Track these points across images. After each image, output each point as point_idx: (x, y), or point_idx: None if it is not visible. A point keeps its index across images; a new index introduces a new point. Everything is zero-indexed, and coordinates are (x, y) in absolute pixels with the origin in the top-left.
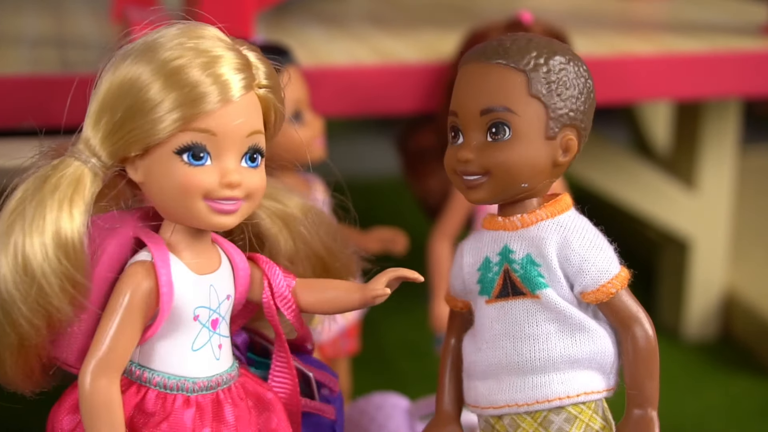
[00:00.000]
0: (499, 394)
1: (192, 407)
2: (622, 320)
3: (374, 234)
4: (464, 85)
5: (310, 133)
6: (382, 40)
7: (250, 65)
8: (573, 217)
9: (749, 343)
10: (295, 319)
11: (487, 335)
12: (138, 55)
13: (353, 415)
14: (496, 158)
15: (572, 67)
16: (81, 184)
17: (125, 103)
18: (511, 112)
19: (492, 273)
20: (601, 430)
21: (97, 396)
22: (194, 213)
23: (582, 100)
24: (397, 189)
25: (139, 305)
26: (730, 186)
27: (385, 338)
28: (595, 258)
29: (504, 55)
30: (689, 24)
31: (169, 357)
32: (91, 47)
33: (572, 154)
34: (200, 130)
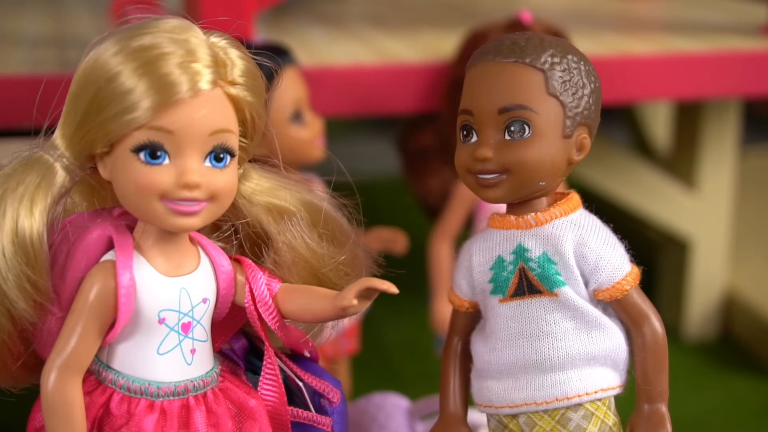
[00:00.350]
0: (517, 393)
1: (155, 413)
2: (634, 317)
3: (374, 234)
4: (479, 84)
5: (310, 133)
6: (382, 40)
7: (219, 61)
8: (585, 215)
9: (749, 343)
10: (277, 326)
11: (503, 334)
12: (101, 51)
13: (353, 416)
14: (515, 156)
15: (583, 66)
16: (48, 181)
17: (91, 94)
18: (530, 110)
19: (506, 272)
20: (613, 427)
21: (56, 396)
22: (152, 213)
23: (593, 99)
24: (397, 189)
25: (98, 306)
26: (730, 186)
27: (385, 338)
28: (610, 256)
29: (521, 54)
30: (689, 24)
31: (133, 359)
32: None
33: (585, 153)
34: (156, 128)
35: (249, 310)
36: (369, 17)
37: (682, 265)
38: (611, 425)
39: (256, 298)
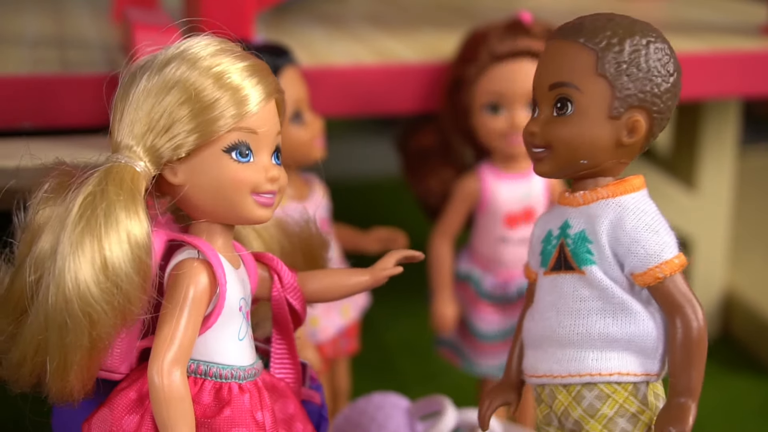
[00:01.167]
0: (541, 363)
1: (246, 393)
2: (668, 307)
3: (374, 234)
4: (541, 61)
5: (310, 133)
6: (382, 40)
7: (271, 71)
8: (637, 198)
9: (749, 343)
10: (303, 309)
11: (540, 306)
12: (178, 62)
13: (353, 415)
14: (556, 132)
15: (651, 49)
16: (138, 188)
17: (177, 105)
18: (575, 88)
19: (551, 246)
20: (637, 413)
21: (172, 390)
22: (241, 207)
23: (656, 82)
24: (397, 189)
25: (201, 300)
26: (730, 186)
27: (385, 338)
28: (647, 240)
29: (579, 33)
30: (689, 24)
31: (221, 348)
32: (91, 47)
33: (639, 136)
34: (246, 129)
35: (277, 298)
36: (369, 17)
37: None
38: (634, 411)
39: (285, 284)
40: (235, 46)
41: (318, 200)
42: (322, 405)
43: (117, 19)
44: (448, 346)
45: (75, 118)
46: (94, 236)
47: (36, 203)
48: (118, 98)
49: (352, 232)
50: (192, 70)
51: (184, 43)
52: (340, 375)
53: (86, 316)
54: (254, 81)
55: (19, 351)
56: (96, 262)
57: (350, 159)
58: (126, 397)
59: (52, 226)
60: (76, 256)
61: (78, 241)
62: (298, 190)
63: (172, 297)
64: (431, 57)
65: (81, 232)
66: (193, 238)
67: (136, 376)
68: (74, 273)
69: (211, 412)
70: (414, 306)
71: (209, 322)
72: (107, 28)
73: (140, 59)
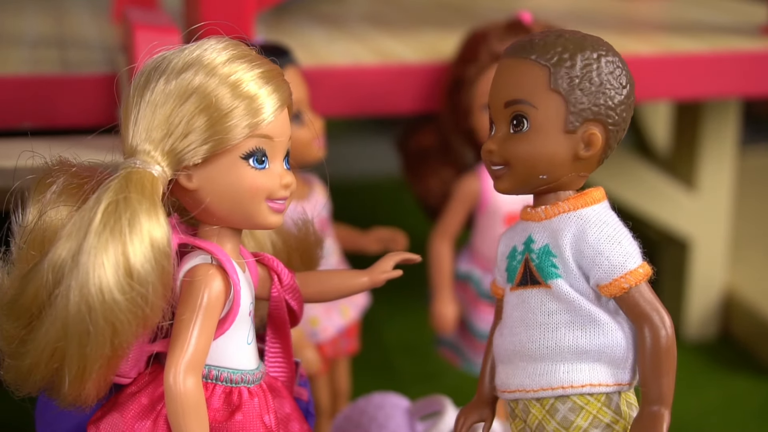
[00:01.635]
0: (513, 379)
1: (255, 397)
2: (636, 316)
3: (374, 234)
4: (494, 79)
5: (310, 133)
6: (382, 40)
7: (283, 75)
8: (598, 210)
9: (749, 343)
10: (300, 309)
11: (508, 321)
12: (196, 69)
13: (353, 415)
14: (514, 150)
15: (602, 62)
16: (157, 193)
17: (196, 112)
18: (529, 105)
19: (516, 261)
20: (611, 424)
21: (188, 396)
22: (256, 213)
23: (610, 95)
24: (397, 189)
25: (216, 305)
26: (729, 186)
27: (385, 338)
28: (610, 252)
29: (531, 50)
30: (689, 24)
31: (231, 353)
32: (91, 47)
33: (596, 149)
34: (263, 136)
35: (277, 298)
36: (369, 17)
37: (682, 265)
38: (608, 422)
39: (284, 284)
40: (249, 50)
41: (318, 200)
42: (308, 401)
43: (117, 19)
44: (448, 346)
45: (75, 118)
46: (119, 244)
47: (43, 204)
48: (131, 100)
49: (352, 232)
50: (210, 78)
51: (199, 47)
52: (340, 375)
53: (110, 325)
54: (270, 89)
55: (32, 357)
56: (120, 269)
57: (350, 159)
58: (137, 402)
59: (70, 233)
60: (101, 265)
61: (103, 249)
62: (298, 190)
63: (187, 303)
64: (431, 57)
65: (105, 240)
66: (207, 243)
67: (146, 381)
68: (99, 281)
69: (222, 417)
70: (414, 306)
71: (223, 328)
72: (107, 28)
73: (152, 60)
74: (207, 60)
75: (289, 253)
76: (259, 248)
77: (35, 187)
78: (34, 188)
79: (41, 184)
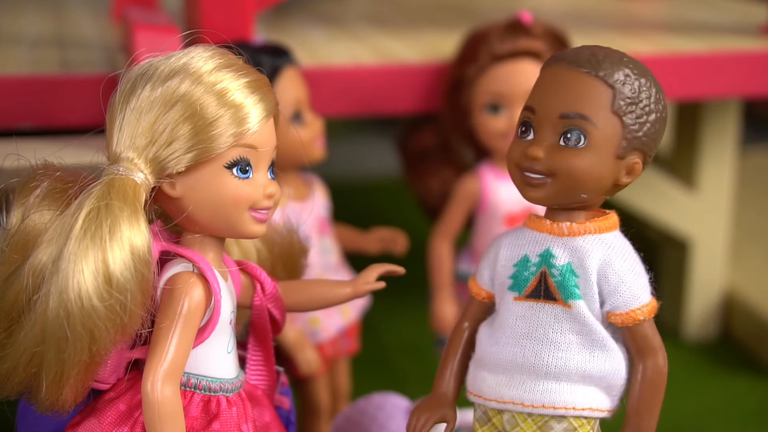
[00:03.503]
0: (507, 390)
1: (233, 406)
2: (640, 348)
3: (374, 234)
4: (548, 86)
5: (310, 134)
6: (382, 40)
7: (270, 85)
8: (618, 237)
9: (749, 343)
10: (283, 318)
11: (509, 331)
12: (182, 77)
13: (353, 415)
14: (565, 162)
15: (654, 92)
16: (139, 200)
17: (181, 121)
18: (591, 122)
19: (528, 272)
20: None
21: (165, 404)
22: (239, 223)
23: (656, 127)
24: (397, 189)
25: (196, 313)
26: (730, 186)
27: (385, 338)
28: (632, 282)
29: (596, 66)
30: (689, 24)
31: (210, 361)
32: (91, 47)
33: (634, 178)
34: (247, 145)
35: (259, 307)
36: (369, 17)
37: (682, 265)
38: None
39: (267, 293)
40: (236, 59)
41: (318, 200)
42: (290, 410)
43: (117, 19)
44: None
45: (75, 118)
46: (99, 250)
47: (27, 208)
48: (117, 106)
49: (352, 232)
50: (196, 86)
51: (186, 55)
52: (340, 375)
53: (88, 332)
54: (256, 98)
55: (11, 361)
56: (100, 276)
57: (350, 159)
58: (115, 409)
59: (51, 238)
60: (80, 271)
61: (83, 256)
62: (298, 190)
63: (167, 311)
64: (431, 57)
65: (86, 246)
66: (189, 251)
67: (125, 387)
68: (78, 287)
69: (199, 425)
70: (414, 306)
71: (203, 336)
72: (107, 28)
73: (140, 65)
74: (193, 68)
75: (273, 262)
76: (244, 256)
77: (19, 190)
78: (19, 191)
79: (25, 188)
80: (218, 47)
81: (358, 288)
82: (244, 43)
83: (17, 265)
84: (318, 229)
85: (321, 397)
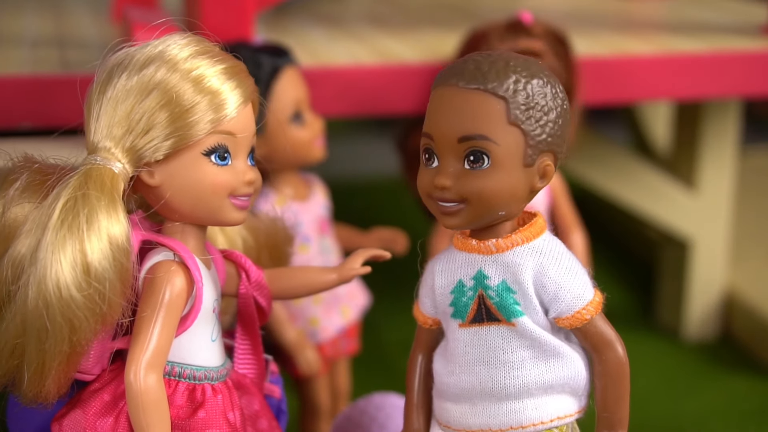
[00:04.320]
0: (473, 418)
1: (219, 394)
2: (595, 345)
3: (374, 234)
4: (439, 109)
5: (311, 134)
6: (382, 40)
7: (247, 71)
8: (548, 241)
9: (749, 343)
10: (269, 306)
11: (461, 360)
12: (157, 64)
13: (353, 415)
14: (474, 187)
15: (549, 89)
16: (117, 190)
17: (157, 108)
18: (490, 140)
19: (466, 297)
20: None
21: (149, 393)
22: (218, 210)
23: (560, 123)
24: (397, 189)
25: (178, 302)
26: (730, 186)
27: (385, 338)
28: (570, 284)
29: (483, 80)
30: (689, 24)
31: (195, 350)
32: (91, 47)
33: (549, 180)
34: (225, 132)
35: (244, 295)
36: (369, 17)
37: (682, 265)
38: None
39: (252, 280)
40: (213, 46)
41: (318, 200)
42: (281, 398)
43: (117, 19)
44: None
45: (75, 118)
46: (76, 240)
47: (6, 201)
48: (94, 96)
49: (352, 232)
50: (172, 73)
51: (161, 43)
52: (340, 375)
53: (67, 322)
54: (233, 85)
55: None
56: (78, 266)
57: (350, 159)
58: (100, 399)
59: (29, 229)
60: (57, 261)
61: (60, 246)
62: (298, 190)
63: (148, 300)
64: (431, 57)
65: (63, 236)
66: (170, 240)
67: (108, 378)
68: (56, 277)
69: (184, 414)
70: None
71: (185, 325)
72: (107, 28)
73: (116, 55)
74: (169, 55)
75: (259, 250)
76: (230, 245)
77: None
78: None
79: (5, 181)
80: (194, 35)
81: (343, 274)
82: (244, 43)
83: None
84: (318, 228)
85: (321, 397)
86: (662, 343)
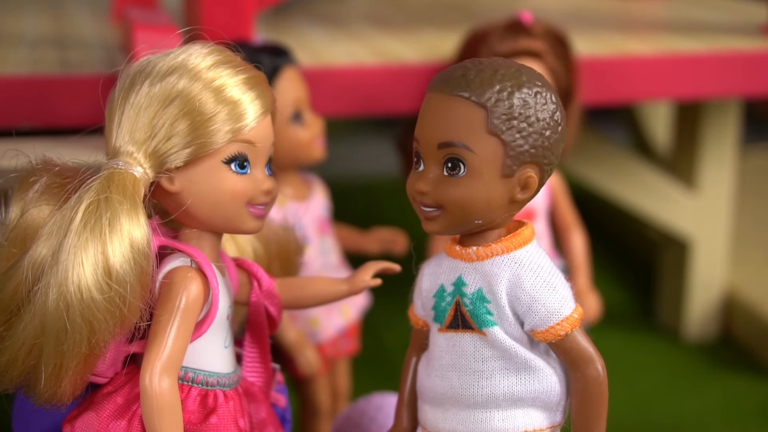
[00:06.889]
0: (444, 423)
1: (230, 401)
2: (572, 361)
3: (374, 234)
4: (427, 114)
5: (311, 134)
6: (382, 40)
7: (267, 82)
8: (530, 252)
9: (749, 343)
10: (279, 315)
11: (437, 364)
12: (180, 73)
13: (353, 415)
14: (449, 194)
15: (538, 100)
16: (138, 194)
17: (180, 116)
18: (467, 149)
19: (445, 302)
20: None
21: (163, 397)
22: (236, 218)
23: (546, 135)
24: (397, 189)
25: (194, 308)
26: (730, 186)
27: (385, 338)
28: (546, 298)
29: (466, 88)
30: (689, 24)
31: (208, 356)
32: (91, 47)
33: (532, 191)
34: (245, 141)
35: (255, 303)
36: (369, 17)
37: (682, 265)
38: None
39: (264, 290)
40: (234, 56)
41: (318, 200)
42: (285, 408)
43: (117, 19)
44: None
45: (75, 118)
46: (98, 243)
47: (26, 203)
48: (116, 102)
49: (352, 232)
50: (194, 83)
51: (184, 51)
52: (340, 375)
53: (87, 324)
54: (253, 95)
55: (9, 353)
56: (99, 268)
57: (350, 159)
58: (113, 402)
59: (51, 231)
60: (79, 263)
61: (82, 248)
62: (298, 190)
63: (165, 305)
64: (431, 57)
65: (85, 239)
66: (187, 246)
67: (122, 381)
68: (77, 279)
69: (196, 419)
70: None
71: (200, 331)
72: (107, 28)
73: (138, 62)
74: (191, 65)
75: (270, 259)
76: (241, 253)
77: (18, 185)
78: (18, 187)
79: (24, 183)
80: (216, 44)
81: (354, 285)
82: (244, 43)
83: (16, 259)
84: (318, 229)
85: (321, 397)
86: (662, 343)
